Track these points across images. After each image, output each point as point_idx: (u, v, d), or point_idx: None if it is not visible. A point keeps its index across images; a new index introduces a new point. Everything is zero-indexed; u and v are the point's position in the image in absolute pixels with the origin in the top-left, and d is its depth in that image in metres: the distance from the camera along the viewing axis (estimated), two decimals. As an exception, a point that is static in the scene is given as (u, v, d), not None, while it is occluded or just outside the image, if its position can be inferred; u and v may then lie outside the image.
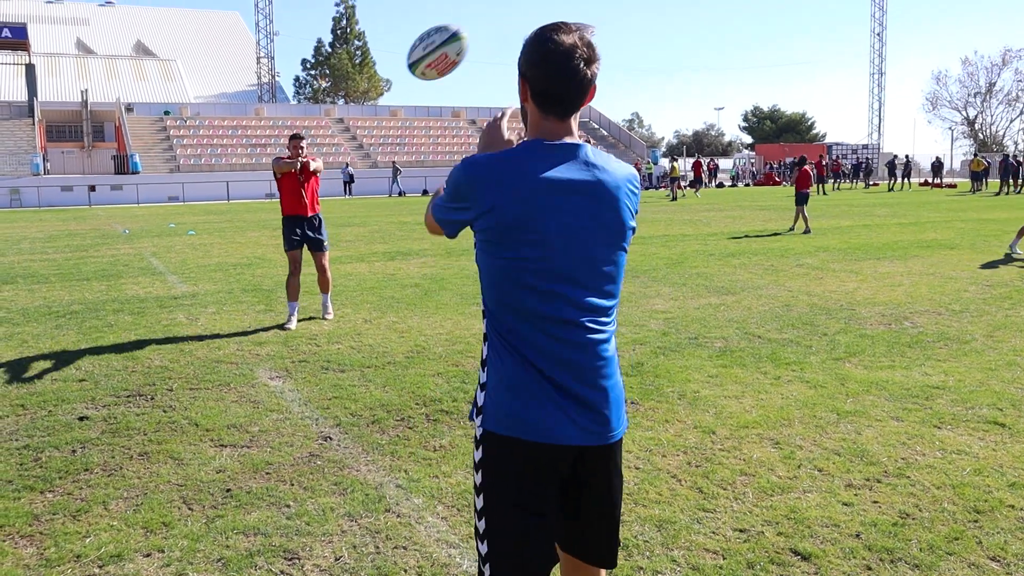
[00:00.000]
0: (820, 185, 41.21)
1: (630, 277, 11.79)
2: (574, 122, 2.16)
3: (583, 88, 2.08)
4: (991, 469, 4.52)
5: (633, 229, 2.22)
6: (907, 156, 53.42)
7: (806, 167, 19.50)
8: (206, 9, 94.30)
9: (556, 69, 2.05)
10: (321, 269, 9.10)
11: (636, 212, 2.23)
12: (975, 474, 4.46)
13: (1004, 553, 3.58)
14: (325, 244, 9.12)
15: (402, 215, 27.96)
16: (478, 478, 2.24)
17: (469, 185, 2.10)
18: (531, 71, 2.09)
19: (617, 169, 2.17)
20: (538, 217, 2.06)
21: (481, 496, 2.22)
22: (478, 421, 2.21)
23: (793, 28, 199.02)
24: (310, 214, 8.98)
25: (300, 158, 8.88)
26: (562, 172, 2.08)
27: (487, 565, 2.20)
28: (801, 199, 19.05)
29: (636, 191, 2.22)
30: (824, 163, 44.71)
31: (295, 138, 9.00)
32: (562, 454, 2.13)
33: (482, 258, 2.17)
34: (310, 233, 9.00)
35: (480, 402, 2.20)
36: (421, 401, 5.93)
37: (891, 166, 50.34)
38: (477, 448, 2.24)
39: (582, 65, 2.05)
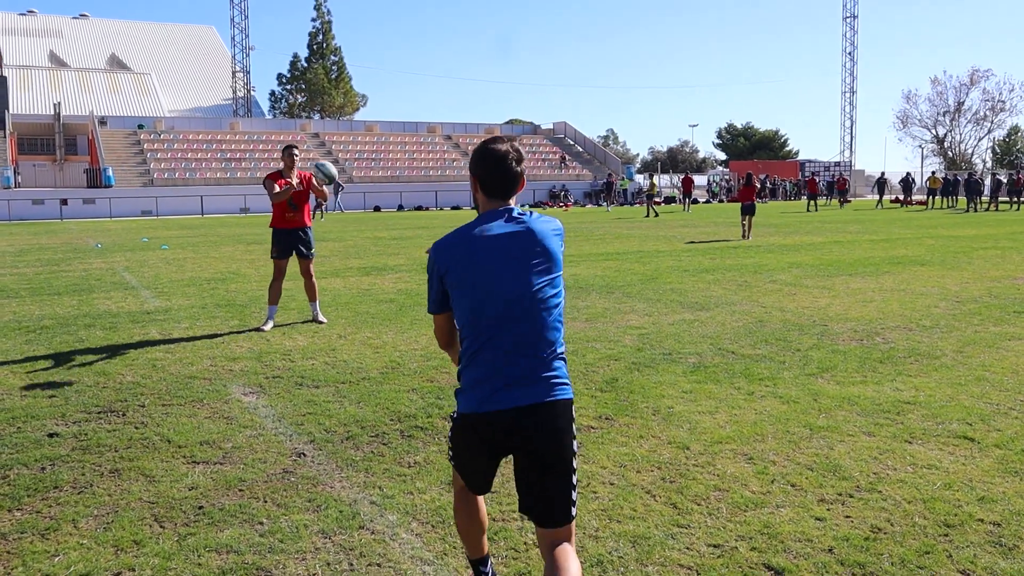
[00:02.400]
0: (812, 201, 42.24)
1: (604, 293, 11.83)
2: (513, 200, 3.02)
3: (516, 180, 2.98)
4: (961, 483, 4.57)
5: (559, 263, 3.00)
6: (909, 174, 53.82)
7: (753, 183, 22.78)
8: (181, 23, 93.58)
9: (495, 169, 2.94)
10: (308, 275, 9.61)
11: (561, 252, 3.03)
12: (945, 488, 4.51)
13: (974, 567, 3.62)
14: (313, 252, 9.67)
15: (377, 231, 27.91)
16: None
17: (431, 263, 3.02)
18: (478, 171, 2.97)
19: (545, 220, 2.98)
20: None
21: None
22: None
23: (766, 46, 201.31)
24: (306, 225, 9.53)
25: (295, 181, 9.35)
26: (498, 228, 2.92)
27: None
28: (746, 210, 21.87)
29: (559, 235, 3.03)
30: (817, 181, 46.48)
31: (289, 149, 9.36)
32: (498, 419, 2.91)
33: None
34: (301, 247, 9.51)
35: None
36: (396, 417, 5.92)
37: (880, 185, 50.93)
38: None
39: (513, 164, 2.95)
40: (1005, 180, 46.13)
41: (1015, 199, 43.39)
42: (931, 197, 46.51)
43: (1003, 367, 7.20)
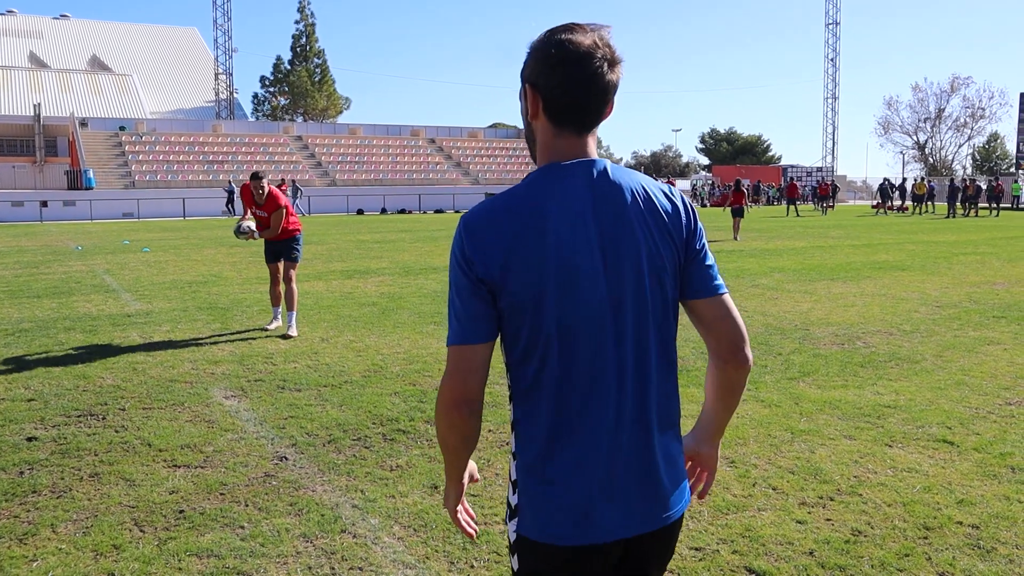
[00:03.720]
0: (792, 206, 42.63)
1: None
2: (592, 140, 1.85)
3: (605, 95, 1.78)
4: (940, 486, 4.61)
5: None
6: (913, 180, 53.86)
7: (741, 189, 25.63)
8: (163, 25, 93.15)
9: (573, 74, 1.74)
10: (287, 280, 9.61)
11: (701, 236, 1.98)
12: (925, 491, 4.54)
13: (953, 569, 3.65)
14: (294, 255, 9.68)
15: (360, 234, 27.85)
16: None
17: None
18: (542, 78, 1.77)
19: (657, 185, 1.91)
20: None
21: None
22: None
23: (750, 52, 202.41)
24: (288, 237, 9.63)
25: (253, 229, 9.59)
26: (581, 192, 1.79)
27: None
28: (736, 212, 24.44)
29: (689, 212, 1.95)
30: (798, 186, 46.99)
31: (255, 178, 9.48)
32: None
33: None
34: (286, 251, 9.67)
35: None
36: (378, 420, 5.90)
37: (883, 190, 50.81)
38: None
39: (604, 68, 1.76)
40: (984, 187, 46.55)
41: (993, 205, 43.92)
42: (917, 204, 46.78)
43: (982, 371, 7.26)
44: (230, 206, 43.15)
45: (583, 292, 1.73)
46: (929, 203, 46.81)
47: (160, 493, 4.59)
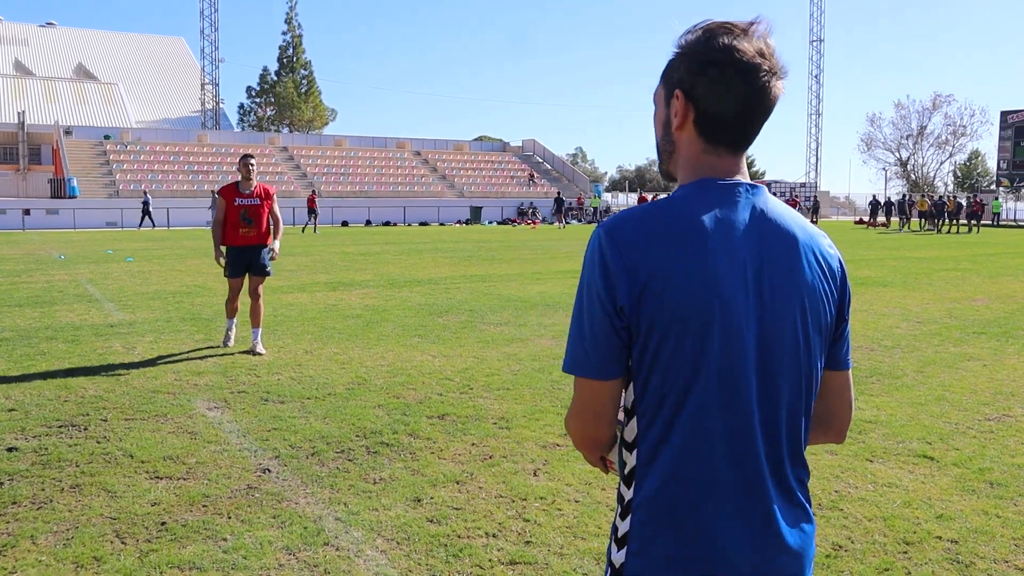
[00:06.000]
0: None
1: (563, 314, 11.85)
2: (744, 159, 1.66)
3: (768, 112, 1.60)
4: (920, 501, 4.65)
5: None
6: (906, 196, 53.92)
7: None
8: (150, 34, 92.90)
9: (736, 87, 1.55)
10: (255, 295, 8.98)
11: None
12: (905, 506, 4.58)
13: (931, 584, 3.68)
14: (268, 270, 9.15)
15: (344, 245, 27.82)
16: None
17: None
18: (698, 88, 1.57)
19: (810, 227, 1.67)
20: None
21: None
22: None
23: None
24: (255, 243, 9.02)
25: (274, 249, 9.18)
26: (741, 216, 1.59)
27: None
28: None
29: (841, 262, 1.72)
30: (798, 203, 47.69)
31: (245, 159, 9.05)
32: None
33: None
34: (255, 264, 9.03)
35: None
36: (361, 433, 5.90)
37: (894, 205, 50.73)
38: None
39: (771, 82, 1.57)
40: (965, 204, 47.04)
41: (970, 222, 44.45)
42: (921, 220, 46.45)
43: (962, 387, 7.32)
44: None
45: (732, 328, 1.52)
46: (925, 220, 46.65)
47: (142, 505, 4.57)
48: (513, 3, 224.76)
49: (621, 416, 1.65)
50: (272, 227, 9.23)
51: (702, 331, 1.51)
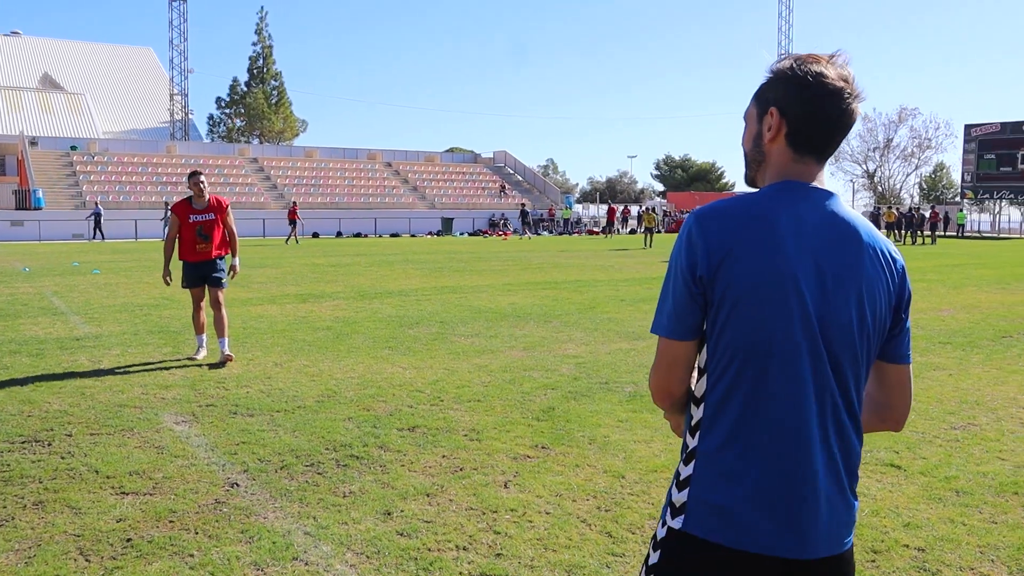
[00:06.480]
0: None
1: (542, 321, 11.89)
2: (824, 170, 1.93)
3: (848, 130, 1.89)
4: (887, 510, 4.69)
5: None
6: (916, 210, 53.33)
7: None
8: (118, 44, 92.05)
9: (826, 107, 1.84)
10: (216, 305, 8.97)
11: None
12: (873, 515, 4.62)
13: (898, 593, 3.71)
14: (224, 281, 9.16)
15: (315, 257, 27.68)
16: None
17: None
18: (794, 107, 1.86)
19: (878, 234, 1.92)
20: None
21: None
22: None
23: (704, 80, 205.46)
24: (212, 257, 9.07)
25: (233, 266, 9.30)
26: (816, 214, 1.86)
27: None
28: None
29: (904, 269, 1.97)
30: None
31: (194, 176, 9.10)
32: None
33: None
34: (211, 275, 9.07)
35: None
36: (331, 446, 5.86)
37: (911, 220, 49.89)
38: None
39: (853, 105, 1.87)
40: (928, 215, 47.69)
41: (932, 233, 45.26)
42: (889, 231, 46.50)
43: (928, 396, 7.41)
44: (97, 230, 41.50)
45: (793, 304, 1.76)
46: (897, 231, 47.00)
47: (107, 521, 4.50)
48: (485, 15, 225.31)
49: (695, 376, 1.90)
50: (228, 240, 9.22)
51: (766, 304, 1.76)
